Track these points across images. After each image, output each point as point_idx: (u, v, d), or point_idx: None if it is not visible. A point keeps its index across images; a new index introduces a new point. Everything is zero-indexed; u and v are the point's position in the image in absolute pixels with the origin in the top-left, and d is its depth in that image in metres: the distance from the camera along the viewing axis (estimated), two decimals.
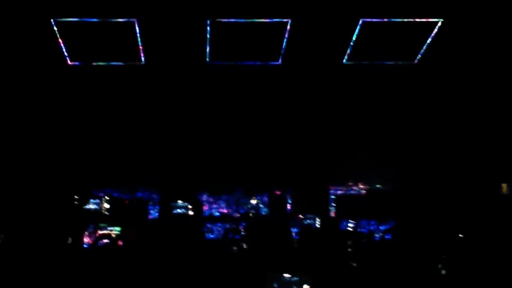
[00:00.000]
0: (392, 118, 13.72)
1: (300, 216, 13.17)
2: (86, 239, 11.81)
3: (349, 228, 13.01)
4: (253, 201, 13.96)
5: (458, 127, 13.53)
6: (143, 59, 11.96)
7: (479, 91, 12.73)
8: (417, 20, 10.91)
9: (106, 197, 13.25)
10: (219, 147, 13.99)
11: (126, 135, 13.72)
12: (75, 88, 12.74)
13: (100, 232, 12.30)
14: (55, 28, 11.07)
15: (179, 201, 13.13)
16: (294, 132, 13.93)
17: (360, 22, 10.99)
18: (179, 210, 13.00)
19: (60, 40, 11.42)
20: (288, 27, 11.08)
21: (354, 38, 11.42)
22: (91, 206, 13.11)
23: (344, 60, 12.05)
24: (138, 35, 11.29)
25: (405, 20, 10.92)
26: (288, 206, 13.96)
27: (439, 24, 11.01)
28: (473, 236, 10.45)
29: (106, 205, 13.19)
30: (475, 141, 13.47)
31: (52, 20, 10.86)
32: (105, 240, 10.78)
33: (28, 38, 11.14)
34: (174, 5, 10.34)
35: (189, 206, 13.10)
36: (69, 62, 12.01)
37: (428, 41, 11.52)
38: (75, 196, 13.12)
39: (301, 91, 13.08)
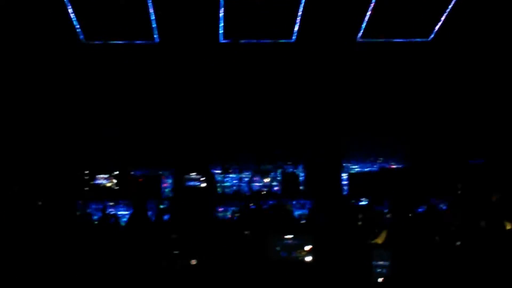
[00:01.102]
0: (406, 96, 13.50)
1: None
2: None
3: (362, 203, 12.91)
4: (266, 180, 13.85)
5: (471, 106, 13.32)
6: (156, 37, 11.92)
7: (493, 70, 12.53)
8: None
9: (116, 172, 13.06)
10: (231, 125, 13.74)
11: (140, 113, 13.48)
12: (89, 66, 12.64)
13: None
14: (69, 5, 11.05)
15: (193, 174, 12.98)
16: (307, 111, 13.68)
17: None
18: (192, 183, 12.84)
19: (73, 18, 11.38)
20: (302, 4, 11.01)
21: (368, 14, 11.34)
22: (101, 181, 12.95)
23: (358, 37, 11.99)
24: (152, 13, 11.24)
25: None
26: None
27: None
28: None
29: (115, 181, 13.01)
30: (486, 118, 13.30)
31: None
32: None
33: (42, 16, 11.08)
34: None
35: (202, 179, 12.96)
36: (83, 40, 11.98)
37: (443, 18, 11.39)
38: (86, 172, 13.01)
39: (314, 69, 12.92)
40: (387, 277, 7.24)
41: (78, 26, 11.59)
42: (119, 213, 11.99)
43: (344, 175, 13.80)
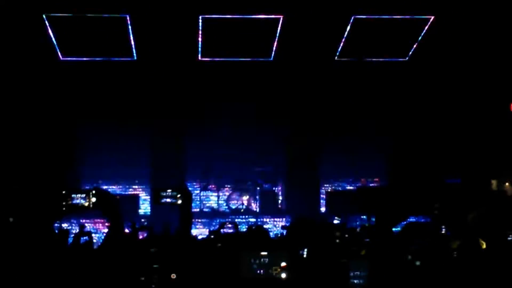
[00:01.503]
0: (384, 115, 13.66)
1: None
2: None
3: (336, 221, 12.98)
4: (245, 197, 13.85)
5: (446, 125, 13.44)
6: (135, 55, 11.90)
7: (468, 88, 12.68)
8: (409, 17, 10.92)
9: (93, 191, 12.94)
10: (210, 142, 13.80)
11: (117, 130, 13.50)
12: (66, 82, 12.54)
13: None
14: (47, 23, 10.96)
15: (169, 191, 12.91)
16: (286, 128, 13.80)
17: (352, 18, 10.95)
18: (168, 200, 12.78)
19: (52, 35, 11.30)
20: (280, 23, 11.03)
21: (345, 34, 11.39)
22: (78, 200, 12.82)
23: (336, 57, 12.05)
24: (130, 31, 11.21)
25: (397, 17, 10.93)
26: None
27: (431, 21, 11.00)
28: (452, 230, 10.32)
29: (93, 199, 12.88)
30: (463, 138, 13.43)
31: (44, 15, 10.74)
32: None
33: (20, 33, 10.95)
34: (167, 0, 10.28)
35: (178, 196, 12.90)
36: (60, 57, 11.89)
37: (419, 38, 11.52)
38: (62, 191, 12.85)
39: (292, 87, 12.97)
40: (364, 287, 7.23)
41: (56, 44, 11.52)
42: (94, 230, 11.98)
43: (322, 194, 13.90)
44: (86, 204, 13.34)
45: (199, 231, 12.66)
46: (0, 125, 12.57)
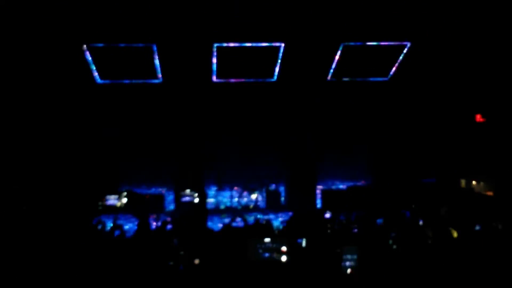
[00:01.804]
0: (370, 127, 13.85)
1: None
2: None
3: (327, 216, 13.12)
4: (253, 196, 14.08)
5: (422, 134, 13.68)
6: (160, 77, 11.99)
7: (441, 102, 12.88)
8: (389, 43, 10.99)
9: (124, 193, 13.26)
10: (225, 151, 14.06)
11: (146, 141, 13.77)
12: (103, 101, 12.78)
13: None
14: (87, 51, 11.14)
15: (187, 191, 13.18)
16: (286, 138, 13.97)
17: (341, 45, 11.06)
18: (187, 198, 13.03)
19: (90, 62, 11.47)
20: (282, 49, 11.13)
21: (336, 59, 11.49)
22: (111, 201, 13.10)
23: (328, 77, 12.14)
24: (156, 57, 11.34)
25: (379, 43, 10.99)
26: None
27: (408, 46, 11.11)
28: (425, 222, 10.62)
29: (124, 200, 13.18)
30: (437, 144, 13.65)
31: (84, 45, 10.94)
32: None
33: (64, 59, 11.18)
34: (186, 32, 10.34)
35: (195, 195, 13.19)
36: (98, 80, 12.03)
37: (398, 61, 11.62)
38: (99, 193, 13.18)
39: (292, 104, 13.15)
40: (355, 269, 7.60)
41: (94, 68, 11.72)
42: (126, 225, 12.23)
43: (318, 192, 14.09)
44: (118, 204, 13.81)
45: (215, 224, 12.93)
46: (51, 138, 12.88)
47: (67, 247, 8.61)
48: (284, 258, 7.78)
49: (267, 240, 7.80)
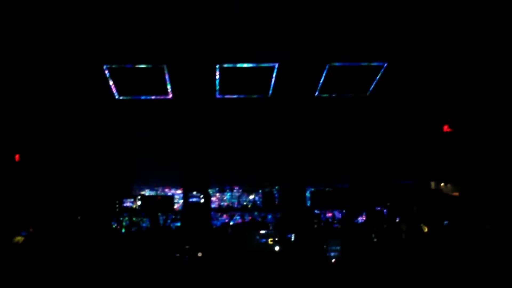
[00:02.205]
0: (350, 136, 13.79)
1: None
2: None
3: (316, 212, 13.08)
4: (251, 197, 13.97)
5: (397, 142, 13.65)
6: (170, 93, 11.92)
7: (413, 114, 12.84)
8: (369, 64, 10.94)
9: (139, 197, 13.28)
10: (226, 159, 14.05)
11: (158, 150, 13.74)
12: (122, 115, 12.70)
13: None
14: (106, 71, 11.10)
15: (194, 192, 13.26)
16: (280, 147, 13.95)
17: (327, 66, 11.02)
18: (194, 199, 13.12)
19: (110, 80, 11.42)
20: (276, 69, 11.08)
21: (323, 77, 11.43)
22: (127, 204, 13.18)
23: (316, 93, 12.04)
24: (167, 76, 11.28)
25: (359, 64, 10.95)
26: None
27: (385, 66, 11.04)
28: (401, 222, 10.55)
29: (139, 203, 13.19)
30: (410, 151, 13.57)
31: (104, 65, 10.89)
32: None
33: (85, 78, 11.14)
34: (193, 55, 10.31)
35: (201, 196, 13.24)
36: (116, 96, 11.98)
37: (376, 79, 11.53)
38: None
39: (285, 116, 13.07)
40: (338, 258, 7.48)
41: (113, 86, 11.65)
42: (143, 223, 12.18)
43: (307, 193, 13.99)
44: (134, 206, 13.78)
45: (217, 221, 12.84)
46: (75, 148, 12.86)
47: (91, 242, 8.57)
48: (277, 248, 7.71)
49: (262, 232, 7.79)
